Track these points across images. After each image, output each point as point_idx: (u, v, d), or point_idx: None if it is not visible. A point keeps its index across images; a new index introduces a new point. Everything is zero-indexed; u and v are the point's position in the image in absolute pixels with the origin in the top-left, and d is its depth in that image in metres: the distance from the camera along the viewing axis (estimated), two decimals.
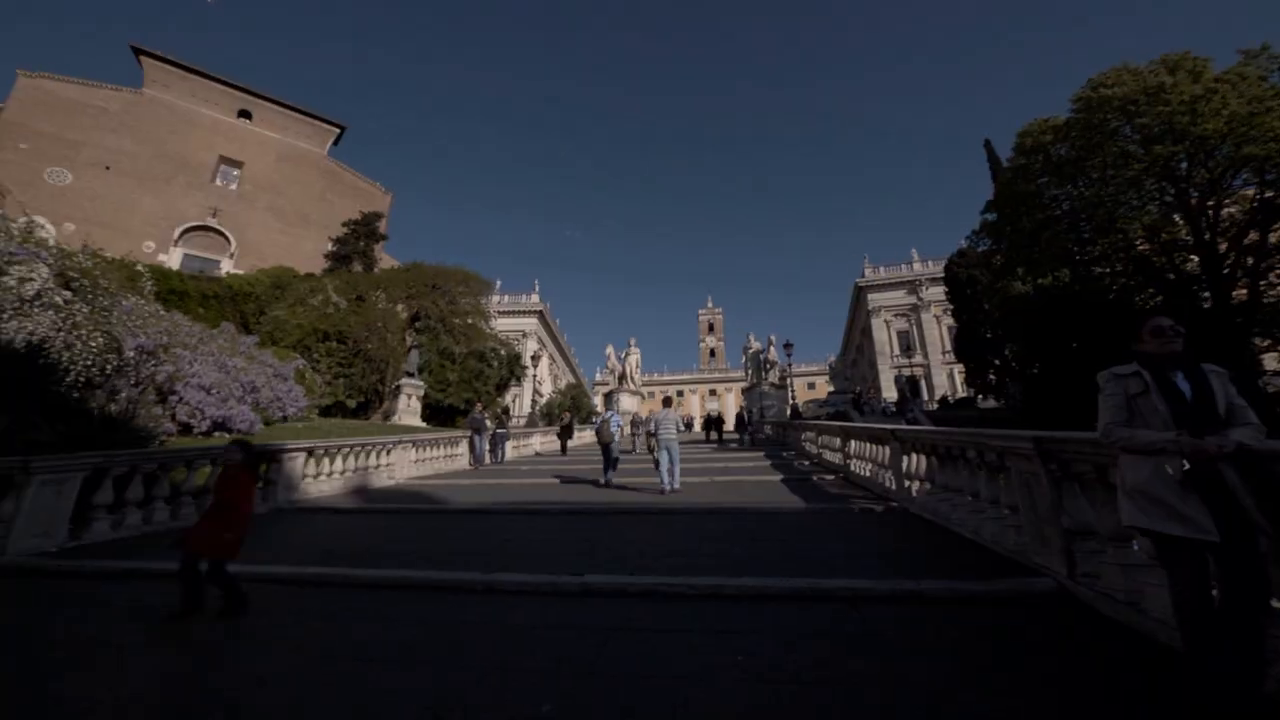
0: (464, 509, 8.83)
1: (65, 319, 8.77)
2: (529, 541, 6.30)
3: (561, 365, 67.67)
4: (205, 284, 24.30)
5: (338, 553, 6.00)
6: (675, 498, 9.09)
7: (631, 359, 39.45)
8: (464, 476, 13.65)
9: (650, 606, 3.78)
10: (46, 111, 36.78)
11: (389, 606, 4.02)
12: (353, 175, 49.02)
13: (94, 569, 5.28)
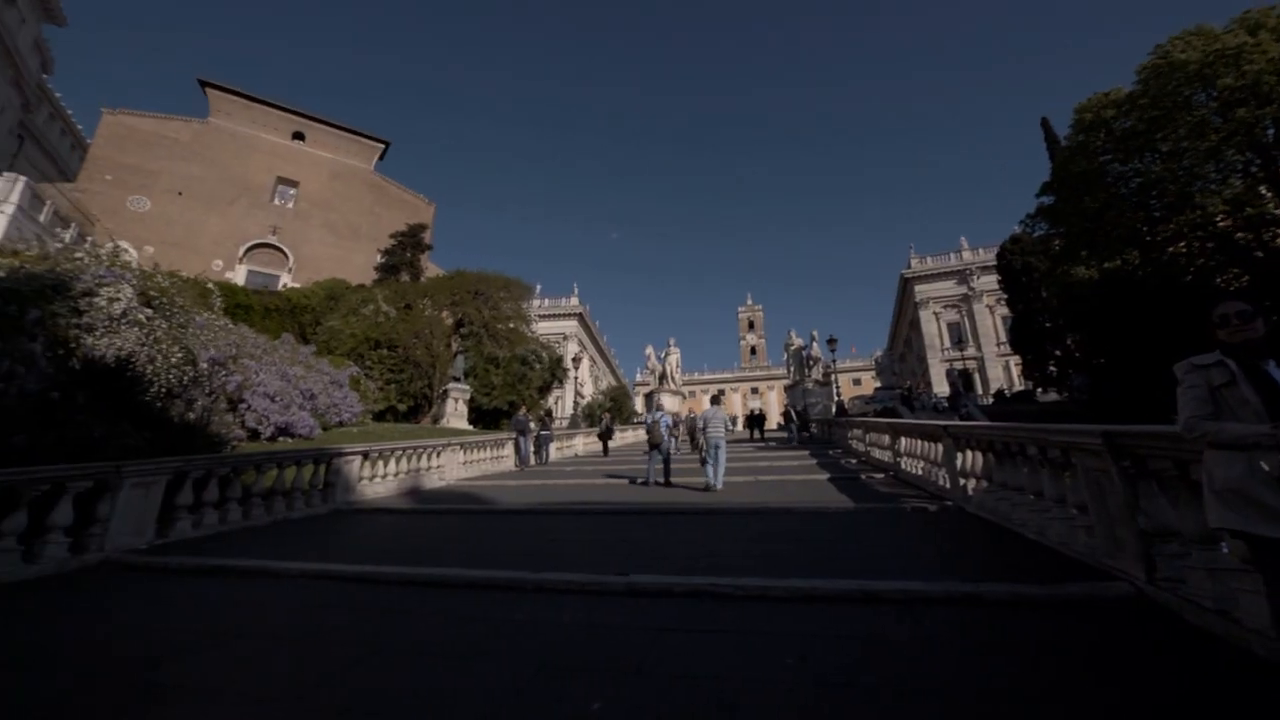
0: (512, 509, 9.05)
1: (148, 335, 9.49)
2: (575, 541, 6.40)
3: (602, 367, 68.27)
4: (267, 298, 25.83)
5: (394, 551, 6.26)
6: (720, 497, 9.04)
7: (671, 359, 39.41)
8: (510, 478, 13.97)
9: (697, 607, 3.77)
10: (127, 145, 39.96)
11: (443, 604, 4.17)
12: (398, 188, 50.99)
13: (178, 565, 5.69)
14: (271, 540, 6.99)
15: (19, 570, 5.32)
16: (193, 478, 7.34)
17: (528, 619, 3.72)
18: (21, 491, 5.53)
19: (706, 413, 10.54)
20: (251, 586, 4.96)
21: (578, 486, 11.78)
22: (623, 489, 11.02)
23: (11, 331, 7.43)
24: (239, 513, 7.80)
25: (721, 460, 9.94)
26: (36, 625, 4.19)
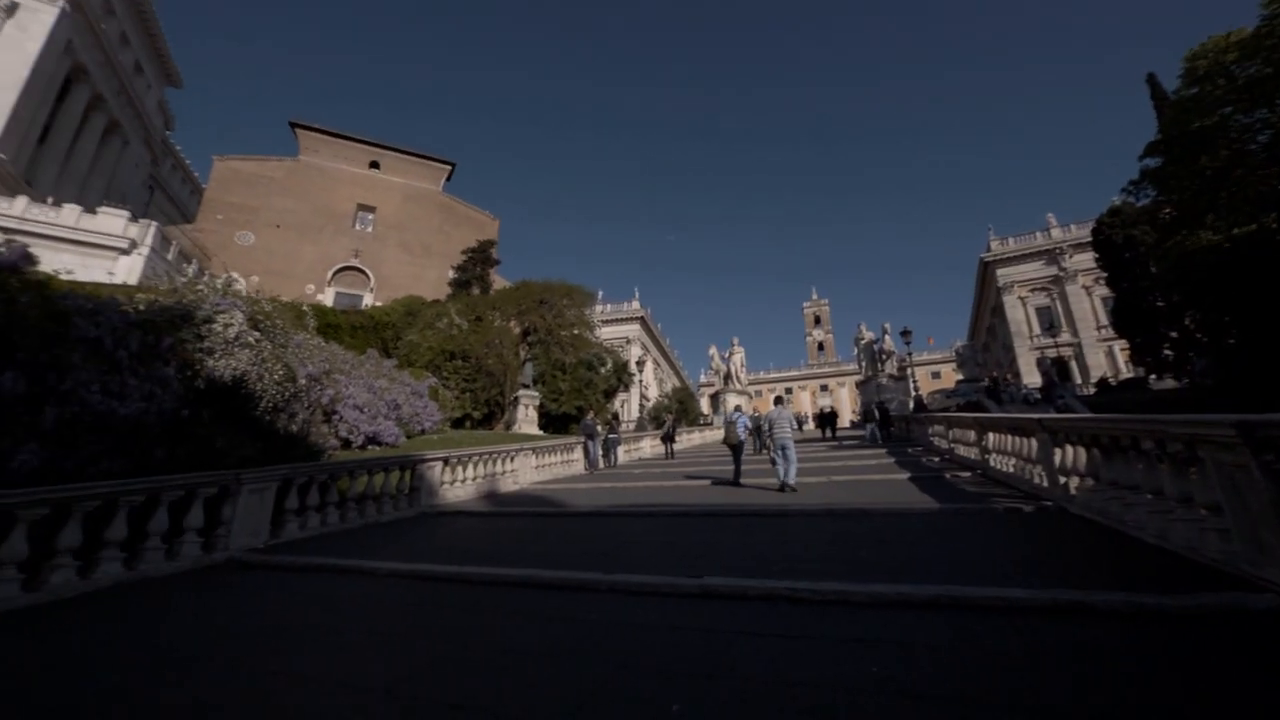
0: (583, 512, 9.24)
1: (256, 355, 10.54)
2: (646, 543, 6.44)
3: (666, 369, 68.36)
4: (353, 316, 27.94)
5: (475, 552, 6.56)
6: (793, 498, 8.80)
7: (735, 358, 38.84)
8: (581, 481, 14.28)
9: (773, 611, 3.68)
10: (233, 186, 44.66)
11: (522, 603, 4.32)
12: (465, 206, 53.66)
13: (289, 564, 6.26)
14: (365, 541, 7.54)
15: (164, 566, 6.05)
16: (297, 484, 8.05)
17: (603, 619, 3.78)
18: (163, 497, 6.29)
19: (771, 413, 10.34)
20: (350, 584, 5.37)
21: (646, 489, 11.85)
22: (691, 491, 10.97)
23: (150, 358, 8.46)
24: (336, 516, 8.47)
25: (792, 459, 9.69)
26: (183, 616, 4.74)
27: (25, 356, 6.95)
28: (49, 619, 4.65)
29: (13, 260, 7.76)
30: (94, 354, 7.80)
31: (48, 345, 7.24)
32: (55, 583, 5.25)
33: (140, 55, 50.52)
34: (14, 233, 24.22)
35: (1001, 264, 50.02)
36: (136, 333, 8.53)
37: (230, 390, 9.76)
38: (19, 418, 6.53)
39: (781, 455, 9.72)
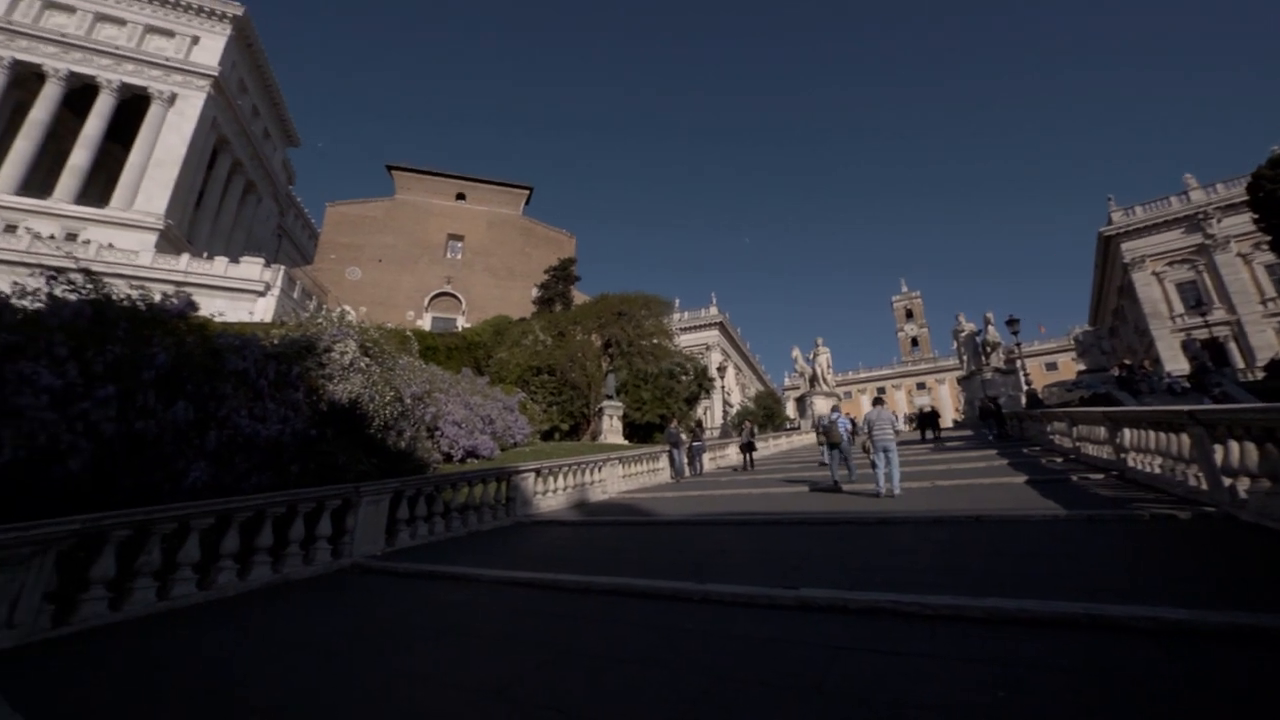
0: (673, 520, 9.25)
1: (368, 379, 11.64)
2: (737, 551, 6.33)
3: (748, 374, 67.01)
4: (448, 338, 30.07)
5: (569, 560, 6.77)
6: (894, 505, 8.27)
7: (821, 359, 37.32)
8: (668, 489, 14.30)
9: (875, 625, 3.48)
10: (342, 227, 49.86)
11: (616, 611, 4.39)
12: (543, 227, 56.18)
13: (403, 569, 6.80)
14: (468, 549, 8.02)
15: (302, 570, 6.80)
16: (407, 496, 8.74)
17: (697, 629, 3.76)
18: (299, 508, 7.09)
19: (870, 414, 9.80)
20: (458, 590, 5.74)
21: (734, 496, 11.64)
22: (782, 498, 10.63)
23: (284, 385, 9.59)
24: (442, 525, 9.09)
25: (894, 464, 9.14)
26: (319, 615, 5.30)
27: (192, 388, 8.14)
28: (219, 614, 5.37)
29: (180, 308, 9.14)
30: (242, 384, 8.97)
31: (208, 378, 8.43)
32: (221, 583, 6.07)
33: (268, 123, 58.07)
34: (180, 284, 28.54)
35: (1127, 237, 44.23)
36: (273, 363, 9.71)
37: (348, 411, 10.83)
38: (190, 441, 7.65)
39: (883, 459, 9.21)
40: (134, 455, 7.15)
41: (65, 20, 43.54)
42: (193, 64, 45.55)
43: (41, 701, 3.46)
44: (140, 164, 42.00)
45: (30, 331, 7.08)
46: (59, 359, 6.99)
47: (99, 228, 38.44)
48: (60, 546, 5.05)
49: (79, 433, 6.61)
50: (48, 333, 7.16)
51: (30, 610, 4.77)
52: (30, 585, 4.81)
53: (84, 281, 8.10)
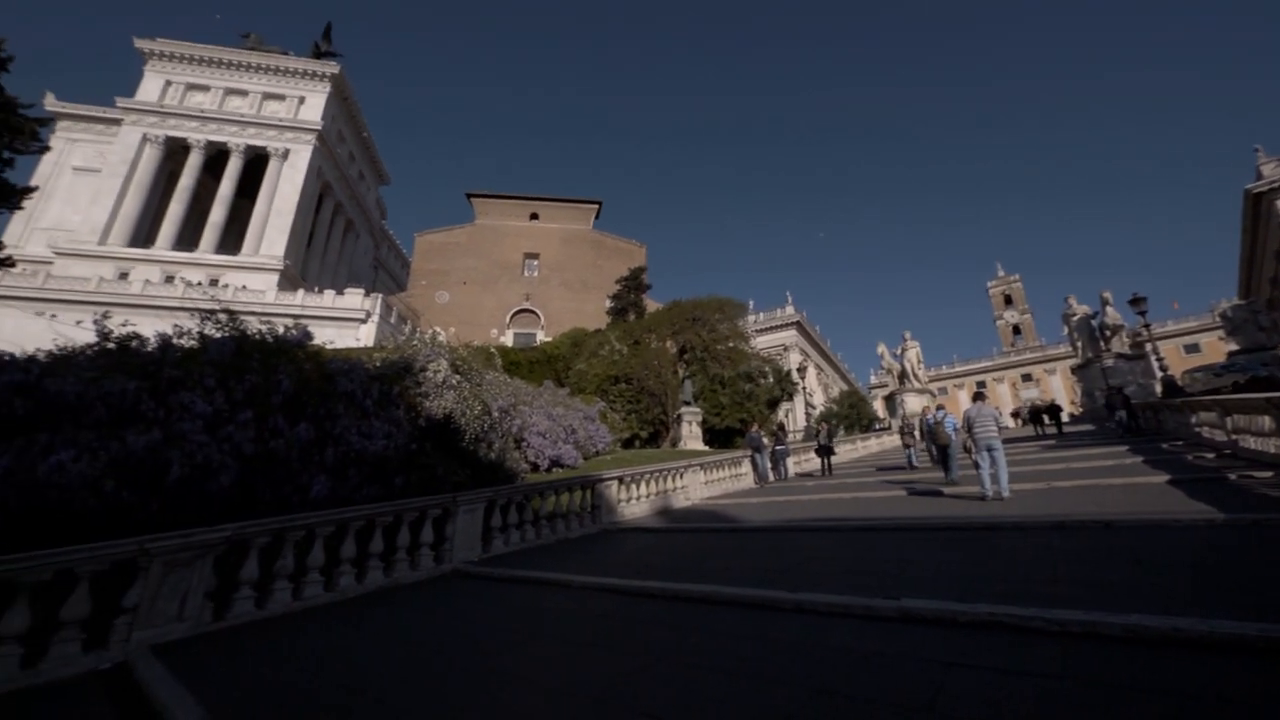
0: (759, 527, 9.04)
1: (459, 395, 12.41)
2: (831, 559, 6.06)
3: (830, 373, 64.29)
4: (529, 353, 31.40)
5: (656, 567, 6.80)
6: (1003, 509, 7.58)
7: (910, 354, 35.09)
8: (752, 495, 14.00)
9: (990, 640, 3.19)
10: (430, 255, 53.72)
11: (706, 619, 4.35)
12: (614, 239, 57.38)
13: (499, 575, 7.14)
14: (557, 555, 8.28)
15: (409, 575, 7.34)
16: (499, 504, 9.18)
17: (791, 640, 3.64)
18: (404, 517, 7.67)
19: (969, 411, 9.09)
20: (550, 595, 5.94)
21: (823, 501, 11.18)
22: (875, 503, 10.07)
23: (387, 403, 10.45)
24: (533, 533, 9.45)
25: (1001, 464, 8.40)
26: (426, 616, 5.70)
27: (311, 410, 9.08)
28: (341, 613, 5.92)
29: (299, 339, 10.25)
30: (351, 404, 9.88)
31: (324, 400, 9.36)
32: (343, 585, 6.69)
33: (362, 166, 63.98)
34: (298, 317, 31.96)
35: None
36: (376, 384, 10.61)
37: (442, 426, 11.59)
38: (311, 457, 8.53)
39: (987, 459, 8.50)
40: (269, 471, 8.08)
41: (202, 98, 50.61)
42: (300, 121, 51.27)
43: (209, 684, 3.98)
44: (263, 214, 47.77)
45: (187, 367, 8.23)
46: (209, 389, 8.06)
47: (234, 272, 44.04)
48: (216, 551, 5.80)
49: (226, 452, 7.58)
50: (200, 367, 8.29)
51: (196, 606, 5.52)
52: (195, 584, 5.56)
53: (226, 320, 9.31)
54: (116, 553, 5.18)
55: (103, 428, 7.14)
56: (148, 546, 5.31)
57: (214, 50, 51.42)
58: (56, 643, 4.72)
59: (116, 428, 7.18)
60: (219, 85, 51.12)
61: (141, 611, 5.21)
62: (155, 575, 5.34)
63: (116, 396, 7.42)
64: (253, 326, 9.77)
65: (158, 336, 8.92)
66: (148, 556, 5.32)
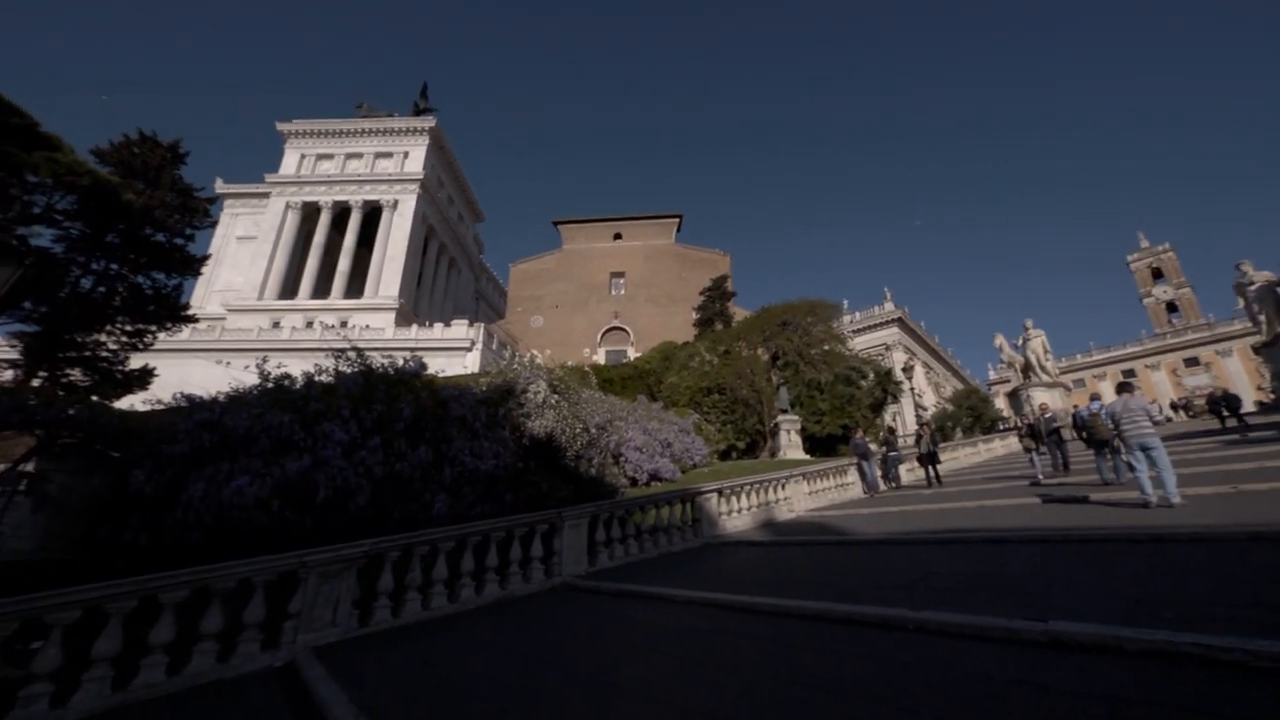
0: (871, 539, 8.49)
1: (558, 414, 12.97)
2: (955, 575, 5.54)
3: (941, 371, 59.26)
4: (621, 369, 32.08)
5: (762, 582, 6.59)
6: (1172, 517, 6.50)
7: (1034, 344, 31.47)
8: (861, 505, 13.19)
9: (1171, 674, 2.72)
10: (524, 282, 57.03)
11: (821, 638, 4.13)
12: (697, 251, 57.41)
13: (606, 589, 7.29)
14: (660, 570, 8.30)
15: (522, 588, 7.72)
16: (602, 519, 9.40)
17: (917, 662, 3.35)
18: (514, 532, 8.10)
19: (1114, 406, 7.94)
20: (656, 609, 5.96)
21: (944, 511, 10.26)
22: (1005, 512, 9.07)
23: (494, 425, 11.16)
24: (635, 547, 9.56)
25: (1163, 464, 7.21)
26: (539, 627, 5.96)
27: (429, 434, 9.92)
28: (463, 623, 6.35)
29: (416, 369, 11.29)
30: (462, 427, 10.68)
31: (439, 425, 10.20)
32: (463, 597, 7.18)
33: (459, 207, 69.61)
34: (413, 349, 35.17)
35: None
36: (483, 408, 11.38)
37: (544, 444, 12.14)
38: (431, 478, 9.30)
39: (1143, 459, 7.36)
40: (396, 491, 8.92)
41: (328, 165, 58.09)
42: (405, 174, 57.04)
43: (359, 684, 4.43)
44: (379, 259, 53.49)
45: (327, 400, 9.35)
46: (344, 419, 9.09)
47: (359, 313, 49.56)
48: (357, 564, 6.48)
49: (361, 475, 8.48)
50: (336, 399, 9.39)
51: (345, 613, 6.19)
52: (344, 594, 6.24)
53: (355, 357, 10.48)
54: (282, 565, 5.96)
55: (267, 456, 8.30)
56: (306, 559, 6.06)
57: (335, 123, 58.96)
58: (242, 642, 5.51)
59: (277, 456, 8.31)
60: (340, 152, 58.41)
61: (303, 617, 5.94)
62: (312, 585, 6.07)
63: (276, 429, 8.61)
64: (376, 361, 10.91)
65: (303, 375, 10.24)
66: (306, 568, 6.07)
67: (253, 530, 7.50)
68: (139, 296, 20.60)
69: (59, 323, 18.78)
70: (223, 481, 7.67)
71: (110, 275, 20.01)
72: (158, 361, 22.70)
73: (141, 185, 22.05)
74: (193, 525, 7.43)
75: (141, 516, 7.50)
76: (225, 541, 7.25)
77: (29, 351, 19.14)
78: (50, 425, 7.96)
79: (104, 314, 19.80)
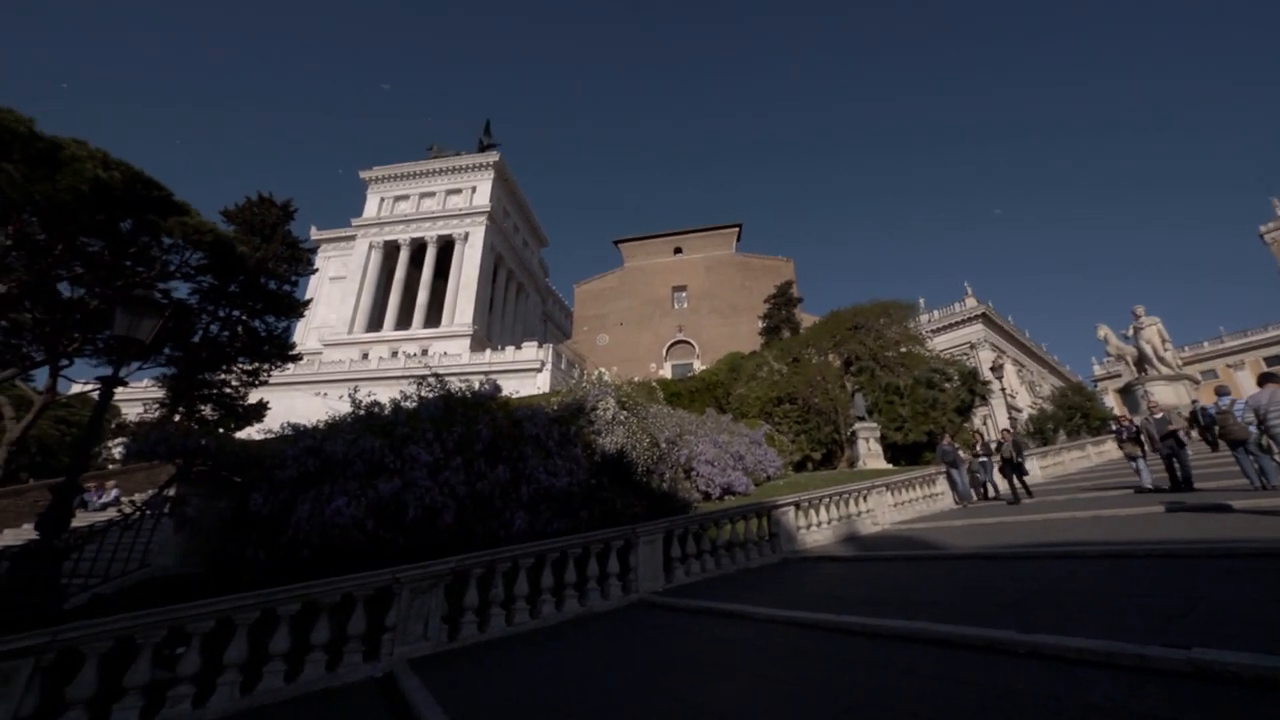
0: (967, 554, 7.86)
1: (628, 430, 13.08)
2: (1070, 594, 5.01)
3: (1035, 368, 54.41)
4: (688, 382, 31.91)
5: (846, 599, 6.26)
6: None
7: (1149, 333, 28.28)
8: (953, 517, 12.29)
9: None
10: (588, 302, 58.44)
11: (917, 660, 3.86)
12: (759, 259, 56.53)
13: (683, 605, 7.20)
14: (739, 586, 8.09)
15: (601, 604, 7.78)
16: (677, 534, 9.32)
17: (1035, 692, 3.04)
18: (590, 548, 8.20)
19: (1259, 398, 6.97)
20: (735, 627, 5.80)
21: (1048, 523, 9.34)
22: (1123, 523, 8.12)
23: (566, 443, 11.42)
24: (712, 563, 9.39)
25: None
26: (621, 643, 5.97)
27: (505, 453, 10.31)
28: (545, 638, 6.48)
29: (490, 392, 11.81)
30: (536, 445, 11.01)
31: (514, 444, 10.58)
32: (544, 613, 7.34)
33: (524, 234, 72.71)
34: (487, 372, 36.87)
35: None
36: (555, 426, 11.69)
37: (616, 460, 12.26)
38: (510, 495, 9.64)
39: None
40: (477, 509, 9.31)
41: (405, 206, 62.79)
42: (474, 207, 60.49)
43: (452, 697, 4.62)
44: (453, 290, 56.79)
45: (412, 424, 9.96)
46: (428, 441, 9.64)
47: (437, 341, 52.68)
48: (445, 580, 6.79)
49: (445, 494, 8.93)
50: (420, 423, 9.98)
51: (436, 627, 6.49)
52: (433, 609, 6.56)
53: (436, 383, 11.12)
54: (378, 581, 6.36)
55: (361, 478, 8.94)
56: (399, 575, 6.44)
57: (409, 166, 63.83)
58: (347, 653, 5.92)
59: (370, 478, 8.94)
60: (415, 192, 63.03)
61: (399, 630, 6.29)
62: (405, 600, 6.43)
63: (368, 453, 9.27)
64: (454, 385, 11.52)
65: (390, 401, 10.99)
66: (399, 584, 6.44)
67: (351, 548, 8.08)
68: (255, 338, 23.09)
69: (192, 364, 21.34)
70: (324, 502, 8.34)
71: (232, 321, 22.59)
72: (268, 395, 25.16)
73: (258, 240, 24.88)
74: (301, 543, 8.12)
75: (260, 535, 8.30)
76: (329, 558, 7.86)
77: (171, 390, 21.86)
78: (187, 454, 9.02)
79: (227, 355, 22.32)
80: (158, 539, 8.84)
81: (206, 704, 5.04)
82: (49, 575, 6.13)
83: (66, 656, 4.65)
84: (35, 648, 4.45)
